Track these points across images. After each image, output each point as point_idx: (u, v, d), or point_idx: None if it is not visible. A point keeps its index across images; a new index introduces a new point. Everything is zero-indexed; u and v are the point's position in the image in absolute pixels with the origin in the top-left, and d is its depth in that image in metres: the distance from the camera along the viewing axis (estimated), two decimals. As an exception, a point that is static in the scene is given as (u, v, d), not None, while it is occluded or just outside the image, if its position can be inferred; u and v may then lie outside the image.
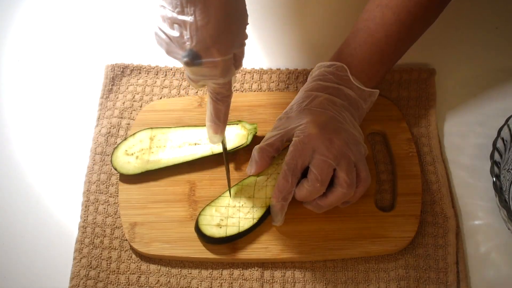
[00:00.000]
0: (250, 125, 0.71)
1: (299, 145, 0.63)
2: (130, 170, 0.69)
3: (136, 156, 0.69)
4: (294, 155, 0.63)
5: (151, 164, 0.69)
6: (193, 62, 0.52)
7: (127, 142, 0.70)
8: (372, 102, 0.69)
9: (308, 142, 0.62)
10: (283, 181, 0.63)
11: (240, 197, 0.66)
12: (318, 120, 0.63)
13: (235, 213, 0.66)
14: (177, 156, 0.69)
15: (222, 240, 0.64)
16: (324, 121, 0.63)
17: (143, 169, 0.69)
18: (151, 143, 0.70)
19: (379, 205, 0.68)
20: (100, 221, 0.68)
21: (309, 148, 0.62)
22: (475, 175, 0.71)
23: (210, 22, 0.51)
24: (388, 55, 0.68)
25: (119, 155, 0.69)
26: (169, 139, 0.70)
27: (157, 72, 0.79)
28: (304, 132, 0.63)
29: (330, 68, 0.67)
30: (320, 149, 0.62)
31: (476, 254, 0.66)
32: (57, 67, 0.81)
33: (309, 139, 0.62)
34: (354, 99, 0.66)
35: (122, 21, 0.85)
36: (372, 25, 0.67)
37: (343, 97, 0.66)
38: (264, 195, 0.66)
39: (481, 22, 0.83)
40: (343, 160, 0.62)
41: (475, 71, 0.78)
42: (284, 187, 0.63)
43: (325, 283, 0.64)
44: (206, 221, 0.65)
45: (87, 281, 0.65)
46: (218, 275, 0.65)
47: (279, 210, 0.64)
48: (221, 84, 0.57)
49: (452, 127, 0.74)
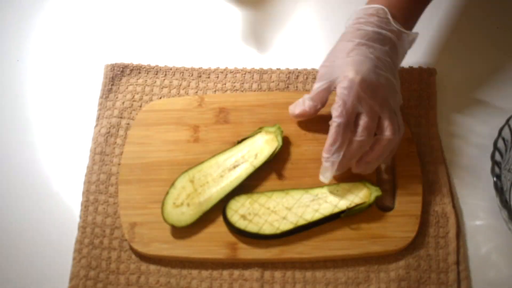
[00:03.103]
0: (272, 127, 0.71)
1: (345, 95, 0.63)
2: (188, 220, 0.65)
3: (187, 203, 0.66)
4: (343, 107, 0.63)
5: (205, 204, 0.66)
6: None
7: (170, 195, 0.67)
8: (411, 44, 0.69)
9: (352, 93, 0.63)
10: (334, 137, 0.63)
11: (279, 203, 0.66)
12: (362, 70, 0.63)
13: (265, 214, 0.65)
14: (224, 185, 0.67)
15: (238, 230, 0.65)
16: (367, 70, 0.64)
17: (200, 212, 0.66)
18: (194, 185, 0.67)
19: (379, 205, 0.68)
20: (99, 221, 0.68)
21: (355, 98, 0.63)
22: (476, 175, 0.71)
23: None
24: (422, 1, 0.69)
25: (170, 210, 0.66)
26: (208, 173, 0.68)
27: (157, 72, 0.78)
28: (349, 81, 0.63)
29: (369, 11, 0.67)
30: (365, 99, 0.63)
31: (477, 254, 0.66)
32: (56, 67, 0.81)
33: (353, 89, 0.63)
34: (394, 43, 0.66)
35: (122, 21, 0.85)
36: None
37: (384, 42, 0.66)
38: (301, 213, 0.65)
39: (482, 22, 0.83)
40: (386, 108, 0.64)
41: (475, 71, 0.78)
42: (335, 143, 0.63)
43: (325, 283, 0.64)
44: (235, 207, 0.66)
45: (86, 281, 0.65)
46: (218, 275, 0.65)
47: (330, 166, 0.64)
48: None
49: (452, 127, 0.74)
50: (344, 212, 0.65)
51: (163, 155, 0.71)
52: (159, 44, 0.83)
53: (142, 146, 0.72)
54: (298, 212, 0.65)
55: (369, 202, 0.65)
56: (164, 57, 0.80)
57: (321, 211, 0.65)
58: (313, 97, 0.68)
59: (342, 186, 0.67)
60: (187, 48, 0.82)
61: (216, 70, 0.79)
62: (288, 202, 0.66)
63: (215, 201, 0.66)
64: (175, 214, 0.66)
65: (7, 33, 0.84)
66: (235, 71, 0.78)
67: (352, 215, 0.66)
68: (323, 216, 0.65)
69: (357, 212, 0.65)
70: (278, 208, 0.66)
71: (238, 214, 0.65)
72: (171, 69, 0.79)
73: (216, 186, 0.67)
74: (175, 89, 0.77)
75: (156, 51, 0.82)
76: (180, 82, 0.78)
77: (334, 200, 0.66)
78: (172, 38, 0.83)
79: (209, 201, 0.66)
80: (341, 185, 0.67)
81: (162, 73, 0.78)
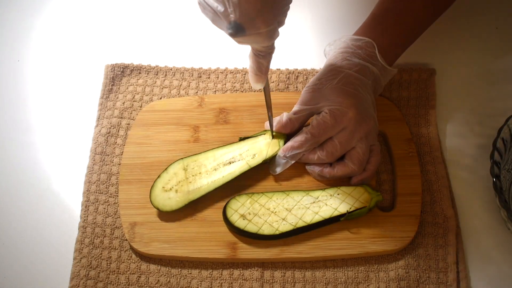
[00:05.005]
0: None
1: (331, 121, 0.65)
2: (173, 205, 0.66)
3: (176, 190, 0.67)
4: (323, 128, 0.65)
5: (193, 194, 0.67)
6: (236, 34, 0.52)
7: (161, 179, 0.68)
8: (389, 79, 0.71)
9: (341, 122, 0.65)
10: (300, 144, 0.66)
11: (279, 204, 0.66)
12: (355, 104, 0.65)
13: (265, 215, 0.66)
14: (215, 178, 0.68)
15: (237, 229, 0.65)
16: (359, 105, 0.66)
17: (186, 200, 0.67)
18: (186, 173, 0.68)
19: (379, 205, 0.68)
20: (100, 221, 0.68)
21: (340, 126, 0.65)
22: (475, 175, 0.71)
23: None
24: (410, 39, 0.71)
25: (157, 193, 0.67)
26: (202, 164, 0.69)
27: (157, 72, 0.79)
28: (340, 112, 0.65)
29: (358, 43, 0.68)
30: (350, 129, 0.65)
31: (476, 254, 0.66)
32: (57, 67, 0.81)
33: (344, 119, 0.65)
34: (377, 77, 0.68)
35: (122, 21, 0.85)
36: (401, 8, 0.69)
37: (369, 75, 0.68)
38: (301, 215, 0.65)
39: (481, 22, 0.83)
40: (363, 142, 0.65)
41: (475, 71, 0.79)
42: (297, 149, 0.67)
43: (324, 283, 0.64)
44: (236, 206, 0.66)
45: (87, 281, 0.65)
46: (218, 275, 0.65)
47: (283, 164, 0.68)
48: (265, 46, 0.57)
49: (452, 127, 0.74)
50: (344, 215, 0.65)
51: (163, 155, 0.71)
52: (159, 45, 0.83)
53: (142, 146, 0.72)
54: (298, 214, 0.66)
55: (369, 207, 0.66)
56: (165, 58, 0.81)
57: (321, 213, 0.65)
58: (292, 119, 0.68)
59: (343, 190, 0.67)
60: (188, 49, 0.82)
61: (216, 71, 0.79)
62: (289, 204, 0.66)
63: (203, 193, 0.67)
64: (161, 198, 0.67)
65: (8, 34, 0.84)
66: (235, 71, 0.79)
67: (351, 219, 0.66)
68: (323, 219, 0.65)
69: (357, 216, 0.66)
70: (278, 209, 0.66)
71: (238, 214, 0.66)
72: (171, 70, 0.79)
73: (207, 178, 0.68)
74: (175, 90, 0.77)
75: (156, 51, 0.82)
76: (180, 82, 0.78)
77: (335, 204, 0.66)
78: (173, 38, 0.83)
79: (198, 191, 0.67)
80: (342, 188, 0.67)
81: (163, 74, 0.79)
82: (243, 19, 0.51)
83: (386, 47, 0.68)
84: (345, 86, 0.66)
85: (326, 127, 0.65)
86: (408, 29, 0.70)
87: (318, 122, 0.66)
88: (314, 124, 0.66)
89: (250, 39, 0.54)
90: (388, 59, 0.69)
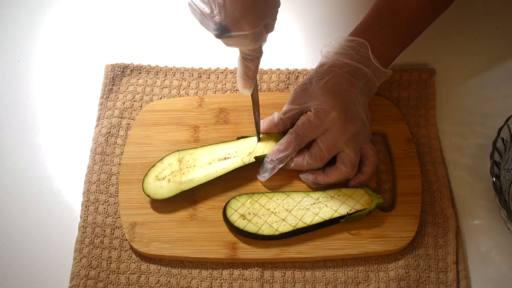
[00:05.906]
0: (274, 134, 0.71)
1: (315, 121, 0.65)
2: (164, 194, 0.67)
3: (168, 179, 0.68)
4: (307, 127, 0.65)
5: (184, 184, 0.68)
6: (222, 35, 0.53)
7: (156, 168, 0.69)
8: (384, 81, 0.70)
9: (325, 121, 0.65)
10: (285, 145, 0.66)
11: (280, 204, 0.66)
12: (339, 105, 0.65)
13: (265, 215, 0.66)
14: (209, 172, 0.68)
15: (237, 229, 0.65)
16: (343, 106, 0.65)
17: (177, 190, 0.67)
18: (181, 164, 0.69)
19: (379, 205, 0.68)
20: (100, 221, 0.68)
21: (324, 127, 0.65)
22: (475, 175, 0.71)
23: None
24: (405, 40, 0.70)
25: (150, 181, 0.68)
26: (198, 158, 0.69)
27: (157, 72, 0.79)
28: (324, 111, 0.65)
29: (351, 43, 0.68)
30: (334, 130, 0.65)
31: (476, 254, 0.66)
32: (57, 67, 0.81)
33: (326, 119, 0.65)
34: (369, 78, 0.68)
35: (122, 21, 0.85)
36: (395, 9, 0.68)
37: (361, 76, 0.67)
38: (300, 216, 0.65)
39: (481, 22, 0.83)
40: (352, 144, 0.65)
41: (475, 71, 0.79)
42: (284, 151, 0.66)
43: (324, 283, 0.64)
44: (236, 206, 0.66)
45: (87, 281, 0.65)
46: (218, 275, 0.65)
47: (271, 169, 0.68)
48: (252, 49, 0.57)
49: (452, 127, 0.74)
50: (344, 217, 0.65)
51: (164, 155, 0.71)
52: (159, 45, 0.83)
53: (142, 146, 0.72)
54: (298, 215, 0.66)
55: (370, 209, 0.66)
56: (165, 58, 0.81)
57: (321, 215, 0.65)
58: (283, 119, 0.69)
59: (343, 192, 0.67)
60: (188, 49, 0.82)
61: (216, 71, 0.79)
62: (289, 204, 0.66)
63: (195, 185, 0.67)
64: (153, 186, 0.67)
65: (8, 34, 0.84)
66: (235, 71, 0.79)
67: (351, 221, 0.66)
68: (323, 220, 0.65)
69: (357, 218, 0.66)
70: (278, 209, 0.66)
71: (238, 214, 0.66)
72: (171, 70, 0.79)
73: (201, 171, 0.68)
74: (175, 90, 0.77)
75: (156, 51, 0.82)
76: (180, 82, 0.78)
77: (335, 205, 0.66)
78: (173, 38, 0.83)
79: (190, 183, 0.68)
80: (343, 190, 0.67)
81: (163, 74, 0.79)
82: (227, 21, 0.51)
83: (380, 48, 0.68)
84: (333, 86, 0.66)
85: (310, 126, 0.65)
86: (403, 30, 0.69)
87: (303, 122, 0.66)
88: (299, 124, 0.66)
89: (236, 41, 0.54)
90: (382, 60, 0.69)
